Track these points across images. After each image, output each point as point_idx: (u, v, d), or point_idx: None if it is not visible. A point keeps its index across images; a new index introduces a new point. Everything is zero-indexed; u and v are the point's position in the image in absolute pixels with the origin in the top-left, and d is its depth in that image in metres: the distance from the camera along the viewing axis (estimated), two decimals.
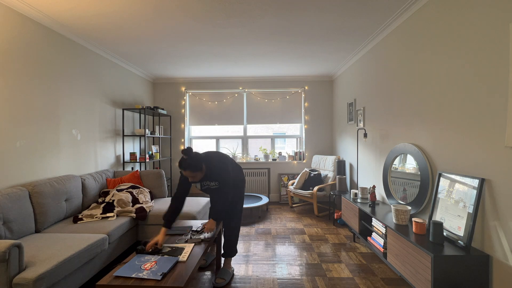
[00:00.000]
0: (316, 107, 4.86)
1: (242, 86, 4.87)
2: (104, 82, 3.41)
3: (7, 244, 1.45)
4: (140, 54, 3.49)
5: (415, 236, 1.78)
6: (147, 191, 3.13)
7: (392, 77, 2.63)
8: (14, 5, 2.16)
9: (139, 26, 2.65)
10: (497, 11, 1.48)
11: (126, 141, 3.95)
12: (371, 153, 3.10)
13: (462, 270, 1.51)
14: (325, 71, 4.44)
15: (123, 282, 1.39)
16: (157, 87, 4.90)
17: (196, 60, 3.74)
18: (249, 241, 2.95)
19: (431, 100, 2.04)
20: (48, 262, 1.61)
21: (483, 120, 1.57)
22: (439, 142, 1.96)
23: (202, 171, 1.92)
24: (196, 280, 2.15)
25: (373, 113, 3.07)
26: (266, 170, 4.82)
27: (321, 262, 2.44)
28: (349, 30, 2.77)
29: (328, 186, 4.09)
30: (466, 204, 1.61)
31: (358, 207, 2.59)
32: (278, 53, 3.49)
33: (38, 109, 2.42)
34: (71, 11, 2.35)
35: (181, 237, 1.98)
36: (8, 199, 1.94)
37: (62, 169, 2.71)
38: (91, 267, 1.97)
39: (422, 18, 2.15)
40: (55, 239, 1.96)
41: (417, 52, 2.21)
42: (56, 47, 2.64)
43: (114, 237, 2.25)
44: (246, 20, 2.55)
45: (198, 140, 5.11)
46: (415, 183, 2.20)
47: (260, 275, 2.22)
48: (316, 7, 2.31)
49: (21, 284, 1.44)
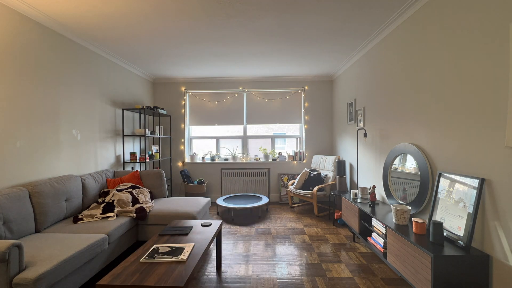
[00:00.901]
0: (316, 107, 4.86)
1: (242, 86, 4.87)
2: (104, 82, 3.41)
3: (7, 244, 1.45)
4: (140, 54, 3.49)
5: (415, 236, 1.78)
6: (147, 191, 3.13)
7: (392, 77, 2.63)
8: (14, 5, 2.16)
9: (139, 26, 2.65)
10: (497, 11, 1.48)
11: (126, 141, 3.95)
12: (371, 153, 3.10)
13: (462, 270, 1.51)
14: (325, 71, 4.44)
15: (123, 282, 1.39)
16: (157, 87, 4.90)
17: (196, 60, 3.74)
18: (249, 241, 2.95)
19: (431, 100, 2.04)
20: (48, 262, 1.61)
21: (483, 120, 1.57)
22: (439, 142, 1.96)
23: None
24: (196, 280, 2.15)
25: (373, 113, 3.07)
26: (266, 170, 4.82)
27: (321, 262, 2.44)
28: (349, 30, 2.77)
29: (328, 186, 4.09)
30: (466, 204, 1.61)
31: (358, 207, 2.59)
32: (278, 53, 3.49)
33: (38, 109, 2.42)
34: (71, 11, 2.35)
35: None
36: (8, 199, 1.94)
37: (62, 169, 2.71)
38: (91, 267, 1.97)
39: (422, 18, 2.15)
40: (55, 239, 1.96)
41: (417, 52, 2.21)
42: (56, 47, 2.64)
43: (114, 237, 2.25)
44: (246, 20, 2.55)
45: (198, 140, 5.11)
46: (415, 183, 2.20)
47: (260, 275, 2.22)
48: (316, 8, 2.31)
49: (21, 284, 1.44)
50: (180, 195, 4.94)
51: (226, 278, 2.18)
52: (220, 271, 2.29)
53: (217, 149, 5.04)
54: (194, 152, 5.07)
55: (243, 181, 4.82)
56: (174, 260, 1.62)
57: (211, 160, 4.89)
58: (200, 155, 5.05)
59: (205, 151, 5.10)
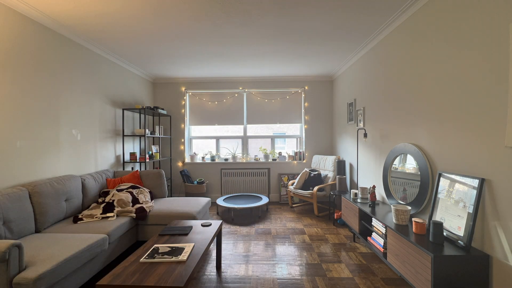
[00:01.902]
0: (316, 107, 4.86)
1: (242, 86, 4.87)
2: (104, 82, 3.41)
3: (7, 244, 1.45)
4: (140, 54, 3.49)
5: (415, 236, 1.78)
6: (147, 191, 3.13)
7: (392, 77, 2.63)
8: (14, 5, 2.16)
9: (139, 26, 2.65)
10: (497, 11, 1.48)
11: (126, 141, 3.95)
12: (371, 153, 3.10)
13: (462, 270, 1.51)
14: (325, 71, 4.44)
15: (123, 282, 1.39)
16: (157, 87, 4.90)
17: (196, 60, 3.74)
18: (249, 241, 2.95)
19: (431, 100, 2.04)
20: (48, 262, 1.61)
21: (483, 120, 1.57)
22: (439, 142, 1.96)
23: None
24: (196, 280, 2.15)
25: (373, 113, 3.07)
26: (266, 170, 4.81)
27: (321, 262, 2.44)
28: (349, 30, 2.77)
29: (328, 186, 4.09)
30: (466, 204, 1.61)
31: (358, 207, 2.59)
32: (278, 53, 3.49)
33: (38, 109, 2.42)
34: (71, 11, 2.35)
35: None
36: (8, 199, 1.94)
37: (62, 169, 2.71)
38: (91, 267, 1.97)
39: (422, 18, 2.15)
40: (55, 239, 1.95)
41: (417, 52, 2.21)
42: (56, 47, 2.64)
43: (114, 237, 2.25)
44: (246, 20, 2.55)
45: (198, 140, 5.11)
46: (415, 183, 2.20)
47: (260, 275, 2.22)
48: (316, 8, 2.31)
49: (21, 284, 1.44)
50: (180, 195, 4.94)
51: (226, 278, 2.18)
52: (220, 271, 2.29)
53: (217, 149, 5.04)
54: (194, 152, 5.06)
55: (243, 181, 4.82)
56: (174, 260, 1.62)
57: (211, 160, 4.89)
58: (200, 155, 5.05)
59: (205, 151, 5.10)
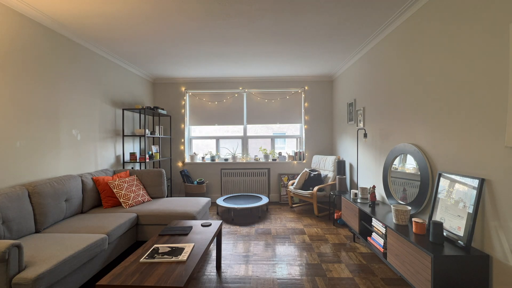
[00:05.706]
0: (316, 107, 4.86)
1: (242, 86, 4.87)
2: (104, 82, 3.41)
3: (6, 244, 1.45)
4: (140, 54, 3.49)
5: (415, 236, 1.78)
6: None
7: (392, 77, 2.63)
8: (14, 5, 2.16)
9: (139, 26, 2.65)
10: (497, 11, 1.48)
11: (126, 141, 3.95)
12: (371, 153, 3.10)
13: (462, 270, 1.51)
14: (325, 71, 4.44)
15: (123, 282, 1.39)
16: (157, 87, 4.90)
17: (196, 60, 3.74)
18: (249, 241, 2.95)
19: (431, 100, 2.04)
20: (47, 262, 1.61)
21: (483, 120, 1.57)
22: (439, 142, 1.96)
23: None
24: (196, 280, 2.15)
25: (373, 113, 3.07)
26: (266, 170, 4.81)
27: (321, 262, 2.44)
28: (349, 30, 2.77)
29: (328, 186, 4.08)
30: (466, 204, 1.61)
31: (358, 207, 2.59)
32: (278, 53, 3.49)
33: (38, 109, 2.42)
34: (71, 11, 2.35)
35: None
36: (7, 198, 1.94)
37: (62, 169, 2.71)
38: (91, 267, 1.97)
39: (422, 18, 2.15)
40: (54, 239, 1.95)
41: (417, 52, 2.21)
42: (56, 47, 2.64)
43: (114, 237, 2.25)
44: (246, 21, 2.55)
45: (198, 140, 5.11)
46: (415, 183, 2.20)
47: (260, 275, 2.22)
48: (316, 8, 2.31)
49: (20, 284, 1.44)
50: (180, 195, 4.94)
51: (226, 278, 2.18)
52: (220, 271, 2.29)
53: (217, 149, 5.04)
54: (194, 152, 5.06)
55: (243, 181, 4.82)
56: (174, 260, 1.62)
57: (211, 160, 4.89)
58: (200, 155, 5.05)
59: (205, 151, 5.10)
